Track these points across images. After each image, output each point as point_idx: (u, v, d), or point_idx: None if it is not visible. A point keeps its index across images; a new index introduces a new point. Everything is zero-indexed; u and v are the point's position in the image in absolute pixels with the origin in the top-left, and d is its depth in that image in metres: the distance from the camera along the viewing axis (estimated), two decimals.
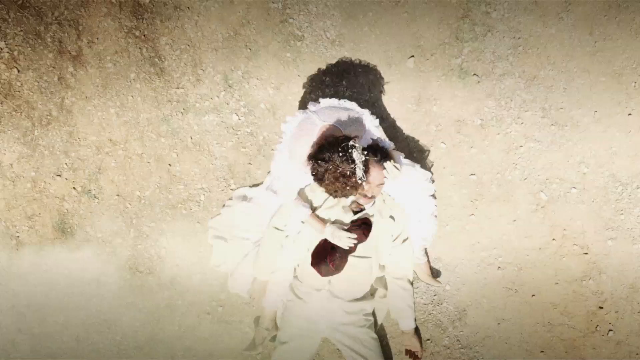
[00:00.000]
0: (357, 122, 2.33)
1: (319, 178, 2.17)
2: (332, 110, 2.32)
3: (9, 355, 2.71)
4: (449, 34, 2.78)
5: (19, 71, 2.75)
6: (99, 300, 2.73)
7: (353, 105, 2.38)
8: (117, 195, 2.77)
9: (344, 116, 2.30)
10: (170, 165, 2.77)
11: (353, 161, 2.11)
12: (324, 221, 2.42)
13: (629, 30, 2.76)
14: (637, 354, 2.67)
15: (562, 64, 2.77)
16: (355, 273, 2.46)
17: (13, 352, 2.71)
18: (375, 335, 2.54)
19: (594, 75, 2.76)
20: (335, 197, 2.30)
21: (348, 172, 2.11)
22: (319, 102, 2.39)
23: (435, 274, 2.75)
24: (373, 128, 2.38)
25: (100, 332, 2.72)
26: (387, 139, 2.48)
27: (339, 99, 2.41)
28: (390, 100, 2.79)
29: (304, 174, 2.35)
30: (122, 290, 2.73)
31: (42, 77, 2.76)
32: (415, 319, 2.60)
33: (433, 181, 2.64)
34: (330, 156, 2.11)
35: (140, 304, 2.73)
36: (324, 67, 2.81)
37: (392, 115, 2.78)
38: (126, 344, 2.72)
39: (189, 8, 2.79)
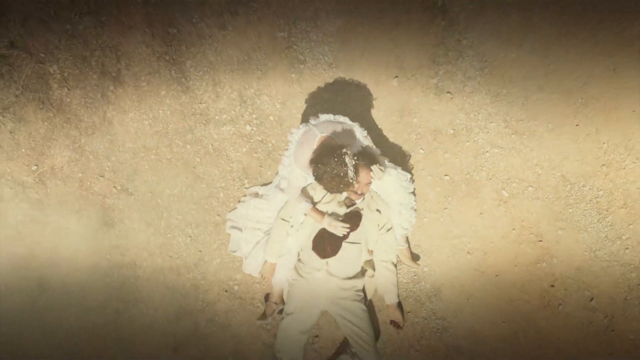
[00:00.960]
0: (349, 133, 2.81)
1: (318, 178, 2.64)
2: (329, 124, 2.78)
3: (61, 326, 3.23)
4: (427, 58, 3.30)
5: (68, 89, 3.28)
6: (135, 280, 3.25)
7: (346, 119, 2.86)
8: (150, 192, 3.29)
9: (338, 128, 2.77)
10: (194, 167, 3.30)
11: (345, 165, 2.58)
12: (322, 213, 2.88)
13: (577, 55, 3.26)
14: (582, 324, 3.19)
15: (521, 83, 3.28)
16: (348, 256, 2.91)
17: (65, 323, 3.23)
18: (364, 308, 2.98)
19: (548, 93, 3.28)
20: (331, 193, 2.82)
21: (342, 173, 2.58)
22: (318, 117, 2.86)
23: (415, 257, 3.22)
24: (362, 137, 2.86)
25: (136, 306, 3.24)
26: (374, 146, 2.94)
27: (335, 114, 2.86)
28: (378, 113, 3.30)
29: (306, 175, 2.83)
30: (154, 272, 3.25)
31: (87, 94, 3.29)
32: (398, 295, 3.06)
33: (413, 181, 3.16)
34: (328, 161, 2.58)
35: (170, 283, 3.25)
36: (322, 85, 3.30)
37: (379, 126, 3.28)
38: (158, 316, 3.23)
39: (209, 36, 3.31)
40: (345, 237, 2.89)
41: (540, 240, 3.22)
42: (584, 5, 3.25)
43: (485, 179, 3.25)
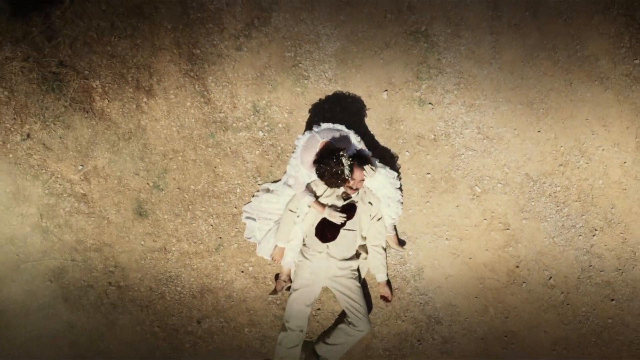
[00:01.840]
0: (346, 138, 3.38)
1: (320, 176, 3.22)
2: (329, 131, 3.35)
3: (102, 301, 3.82)
4: (412, 74, 3.89)
5: (109, 101, 3.87)
6: (165, 262, 3.83)
7: (342, 127, 3.42)
8: (178, 188, 3.88)
9: (336, 135, 3.34)
10: (215, 167, 3.89)
11: (343, 165, 3.14)
12: (323, 205, 3.43)
13: (539, 72, 3.85)
14: (542, 299, 3.78)
15: (491, 96, 3.87)
16: (345, 241, 3.46)
17: (105, 299, 3.81)
18: (359, 284, 3.53)
19: (514, 104, 3.86)
20: (331, 188, 3.41)
21: (339, 172, 3.15)
22: (320, 125, 3.42)
23: (401, 243, 3.78)
24: (356, 142, 3.42)
25: (166, 285, 3.82)
26: (366, 149, 3.48)
27: (334, 123, 3.44)
28: (370, 121, 3.87)
29: (310, 173, 3.39)
30: (182, 256, 3.84)
31: (124, 105, 3.88)
32: (387, 274, 3.64)
33: (399, 178, 3.73)
34: (328, 161, 3.15)
35: (194, 265, 3.83)
36: (323, 98, 3.86)
37: (371, 132, 3.84)
38: (184, 293, 3.83)
39: (228, 56, 3.90)
40: (342, 225, 3.44)
41: (507, 229, 3.81)
42: (544, 31, 3.84)
43: (460, 177, 3.84)
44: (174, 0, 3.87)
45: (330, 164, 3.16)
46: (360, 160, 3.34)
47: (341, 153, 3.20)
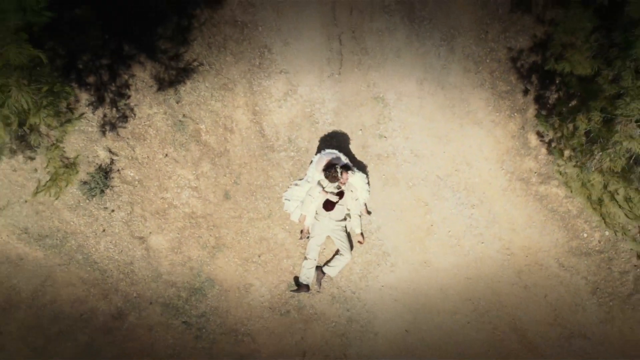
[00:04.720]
0: (338, 158, 6.56)
1: (325, 177, 6.42)
2: (329, 153, 6.54)
3: (207, 245, 7.01)
4: (375, 121, 7.05)
5: (209, 136, 7.04)
6: (240, 224, 6.99)
7: (336, 151, 6.58)
8: (247, 184, 7.05)
9: (334, 156, 6.53)
10: (267, 172, 7.04)
11: (337, 171, 6.36)
12: (327, 192, 6.70)
13: (444, 119, 7.04)
14: (445, 243, 6.97)
15: (418, 133, 7.02)
16: (338, 211, 6.64)
17: (208, 243, 7.00)
18: (346, 234, 6.70)
19: (431, 137, 7.02)
20: (331, 183, 6.63)
21: (336, 174, 6.40)
22: (325, 150, 6.63)
23: (369, 212, 6.96)
24: (344, 159, 6.62)
25: (241, 236, 6.99)
26: (350, 163, 6.75)
27: (332, 149, 6.68)
28: (352, 147, 7.05)
29: (320, 175, 6.65)
30: (250, 220, 7.01)
31: (218, 138, 7.04)
32: (361, 229, 6.81)
33: (368, 178, 6.93)
34: (330, 169, 6.35)
35: (256, 225, 6.95)
36: (326, 133, 7.01)
37: (352, 153, 7.02)
38: (250, 240, 7.00)
39: (274, 111, 7.06)
40: (337, 202, 6.66)
41: (427, 205, 7.00)
42: (448, 97, 7.05)
43: (401, 178, 7.04)
44: (245, 82, 7.07)
45: (331, 171, 6.37)
46: (346, 168, 6.54)
47: (336, 165, 6.41)
